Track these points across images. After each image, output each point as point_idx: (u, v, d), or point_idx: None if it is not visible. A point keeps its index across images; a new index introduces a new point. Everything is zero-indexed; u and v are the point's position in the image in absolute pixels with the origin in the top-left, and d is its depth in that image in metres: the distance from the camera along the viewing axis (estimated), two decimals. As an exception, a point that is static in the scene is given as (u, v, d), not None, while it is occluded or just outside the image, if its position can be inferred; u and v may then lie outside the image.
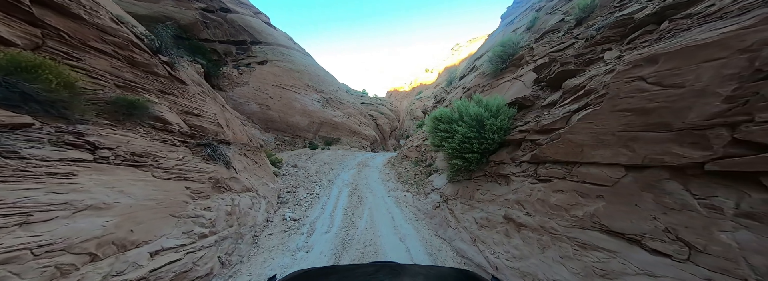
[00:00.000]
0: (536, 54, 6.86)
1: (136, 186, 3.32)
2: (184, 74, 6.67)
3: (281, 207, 6.99)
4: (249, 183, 6.07)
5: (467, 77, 11.49)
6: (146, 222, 3.09)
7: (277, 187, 8.23)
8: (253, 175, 6.99)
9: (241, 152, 7.66)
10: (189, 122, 5.45)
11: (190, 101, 5.87)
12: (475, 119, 4.70)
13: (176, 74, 5.87)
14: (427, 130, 6.22)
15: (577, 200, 2.81)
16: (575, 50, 3.91)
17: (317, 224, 5.74)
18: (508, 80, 7.56)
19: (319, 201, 7.46)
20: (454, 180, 5.54)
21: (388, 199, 7.43)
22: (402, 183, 9.44)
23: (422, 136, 13.10)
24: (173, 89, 5.58)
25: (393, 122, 28.93)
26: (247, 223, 4.93)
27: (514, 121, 4.51)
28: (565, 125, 3.22)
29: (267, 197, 6.67)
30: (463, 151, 4.74)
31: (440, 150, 5.93)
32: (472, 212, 4.45)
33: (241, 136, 8.26)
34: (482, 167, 4.76)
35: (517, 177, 3.81)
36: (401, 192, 8.12)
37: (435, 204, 6.06)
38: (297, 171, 11.69)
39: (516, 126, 4.30)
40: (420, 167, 10.29)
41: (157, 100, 4.92)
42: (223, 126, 6.54)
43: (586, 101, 2.97)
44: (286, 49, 21.48)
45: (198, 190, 4.18)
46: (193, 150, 4.91)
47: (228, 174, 5.22)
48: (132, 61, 4.80)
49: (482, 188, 4.56)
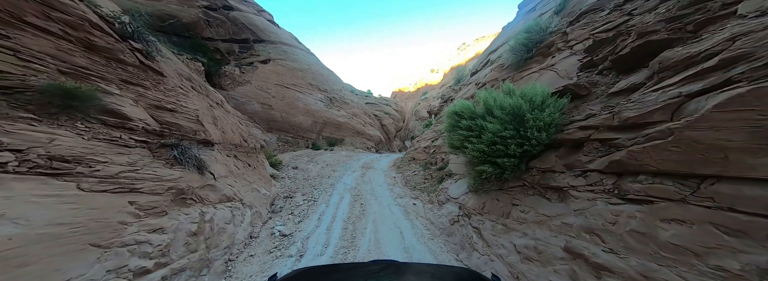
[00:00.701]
0: (573, 38, 5.65)
1: (39, 205, 2.24)
2: (166, 66, 5.64)
3: (272, 218, 5.90)
4: (231, 191, 4.99)
5: (481, 72, 10.29)
6: (41, 261, 2.01)
7: (271, 193, 7.16)
8: (240, 180, 5.93)
9: (231, 154, 6.60)
10: (160, 118, 4.40)
11: (165, 95, 4.82)
12: (510, 113, 3.53)
13: (151, 64, 4.84)
14: (444, 129, 5.05)
15: (719, 240, 1.63)
16: (661, 15, 2.74)
17: (310, 242, 4.63)
18: (535, 71, 6.35)
19: (317, 210, 6.36)
20: (477, 189, 4.36)
21: (396, 209, 6.27)
22: (410, 188, 8.28)
23: (430, 137, 11.92)
24: (145, 80, 4.54)
25: (398, 123, 27.76)
26: (221, 244, 3.85)
27: (565, 115, 3.33)
28: (670, 118, 2.04)
29: (255, 206, 5.59)
30: (495, 155, 3.56)
31: (460, 153, 4.76)
32: (509, 235, 3.27)
33: (233, 135, 7.20)
34: (520, 175, 3.58)
35: (581, 192, 2.63)
36: (410, 200, 6.96)
37: (453, 217, 4.89)
38: (297, 173, 10.63)
39: (571, 121, 3.11)
40: (429, 170, 9.11)
41: (117, 91, 3.88)
42: (205, 123, 5.49)
43: (723, 77, 1.78)
44: (289, 47, 20.51)
45: (149, 205, 3.10)
46: (155, 153, 3.84)
47: (200, 182, 4.14)
48: (89, 45, 3.78)
49: (522, 203, 3.38)
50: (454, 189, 5.72)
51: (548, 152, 3.33)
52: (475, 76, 10.91)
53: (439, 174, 8.11)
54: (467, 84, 12.08)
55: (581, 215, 2.51)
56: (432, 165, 9.90)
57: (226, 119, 7.50)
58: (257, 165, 8.18)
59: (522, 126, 3.38)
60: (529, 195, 3.38)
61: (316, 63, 22.38)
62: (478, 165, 3.90)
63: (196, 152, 4.27)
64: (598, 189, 2.49)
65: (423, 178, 8.70)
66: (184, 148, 4.09)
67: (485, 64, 10.39)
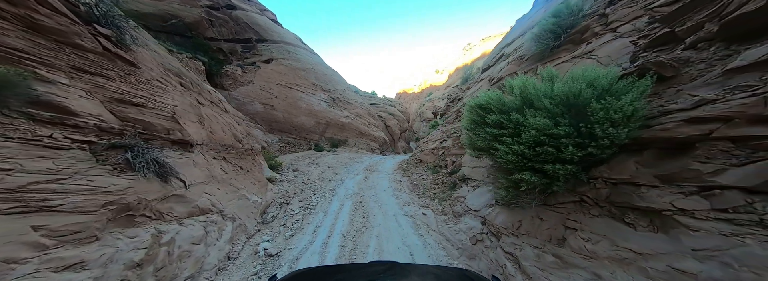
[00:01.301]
0: (616, 19, 4.62)
1: None
2: (146, 56, 4.80)
3: (261, 231, 4.97)
4: (209, 201, 4.08)
5: (494, 67, 9.28)
6: None
7: (264, 199, 6.25)
8: (225, 187, 5.02)
9: (218, 156, 5.72)
10: (122, 114, 3.52)
11: (133, 87, 3.95)
12: (563, 103, 2.54)
13: (121, 52, 3.99)
14: (464, 126, 4.07)
15: None
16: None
17: (300, 264, 3.68)
18: (565, 61, 5.33)
19: (313, 221, 5.41)
20: (510, 203, 3.35)
21: (403, 220, 5.29)
22: (418, 194, 7.29)
23: (439, 138, 10.92)
24: (109, 70, 3.68)
25: (403, 124, 26.75)
26: (181, 274, 2.92)
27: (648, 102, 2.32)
28: None
29: (239, 218, 4.67)
30: (540, 159, 2.57)
31: (485, 156, 3.78)
32: (568, 273, 2.26)
33: (223, 136, 6.32)
34: (575, 187, 2.58)
35: (705, 220, 1.63)
36: (419, 209, 5.98)
37: (474, 235, 3.89)
38: (297, 176, 9.74)
39: (664, 112, 2.11)
40: (439, 174, 8.11)
41: (64, 81, 3.03)
42: (184, 121, 4.60)
43: None
44: (292, 46, 19.73)
45: (68, 230, 2.19)
46: (99, 156, 2.94)
47: (160, 192, 3.22)
48: (32, 24, 2.94)
49: (583, 227, 2.37)
50: (473, 199, 4.72)
51: (622, 157, 2.32)
52: (487, 73, 9.90)
53: (451, 179, 7.11)
54: (477, 81, 11.07)
55: (712, 259, 1.51)
56: (441, 168, 8.89)
57: (218, 118, 6.62)
58: (252, 168, 7.29)
59: (583, 120, 2.38)
60: (592, 216, 2.38)
61: (319, 63, 21.58)
62: (513, 172, 2.91)
63: (158, 155, 3.36)
64: (743, 219, 1.48)
65: (432, 183, 7.69)
66: (140, 150, 3.18)
67: (499, 59, 9.37)
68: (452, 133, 10.00)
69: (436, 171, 8.63)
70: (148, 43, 5.92)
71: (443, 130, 11.10)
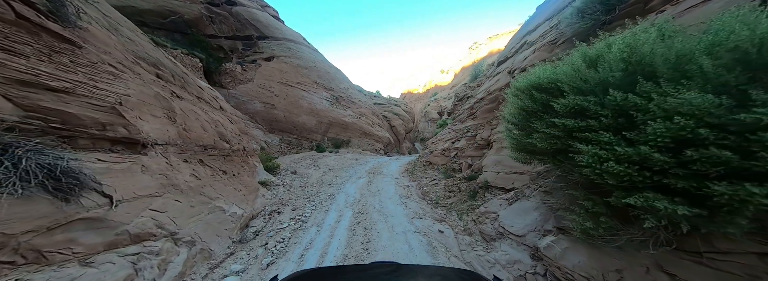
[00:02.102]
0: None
1: None
2: (98, 36, 3.62)
3: (234, 254, 3.77)
4: (151, 223, 2.89)
5: (515, 57, 7.96)
6: None
7: (249, 210, 5.07)
8: (190, 198, 3.84)
9: (192, 158, 4.53)
10: (27, 102, 2.35)
11: (59, 69, 2.76)
12: (741, 63, 1.27)
13: (50, 25, 2.82)
14: (507, 118, 2.80)
15: None
16: None
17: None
18: (624, 37, 4.04)
19: (303, 239, 4.20)
20: (592, 236, 2.06)
21: (415, 240, 4.03)
22: (430, 203, 6.02)
23: (449, 137, 9.64)
24: (20, 44, 2.52)
25: (408, 124, 25.43)
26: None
27: None
28: None
29: (202, 241, 3.47)
30: (692, 172, 1.31)
31: (547, 162, 2.50)
32: None
33: (202, 134, 5.13)
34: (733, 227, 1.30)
35: None
36: (433, 223, 4.71)
37: (523, 275, 2.63)
38: (294, 180, 8.55)
39: None
40: (454, 179, 6.83)
41: None
42: (135, 116, 3.43)
43: None
44: (294, 43, 18.63)
45: None
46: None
47: (51, 219, 2.04)
48: None
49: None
50: (511, 217, 3.42)
51: None
52: (505, 64, 8.59)
53: (470, 186, 5.84)
54: (492, 75, 9.75)
55: None
56: (455, 172, 7.62)
57: (199, 115, 5.43)
58: (240, 172, 6.11)
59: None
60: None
61: (322, 61, 20.46)
62: (614, 192, 1.64)
63: (50, 160, 2.18)
64: None
65: (446, 190, 6.42)
66: (16, 152, 2.01)
67: (519, 49, 8.06)
68: (466, 132, 8.71)
69: (449, 175, 7.35)
70: (120, 27, 4.77)
71: (454, 129, 9.81)
